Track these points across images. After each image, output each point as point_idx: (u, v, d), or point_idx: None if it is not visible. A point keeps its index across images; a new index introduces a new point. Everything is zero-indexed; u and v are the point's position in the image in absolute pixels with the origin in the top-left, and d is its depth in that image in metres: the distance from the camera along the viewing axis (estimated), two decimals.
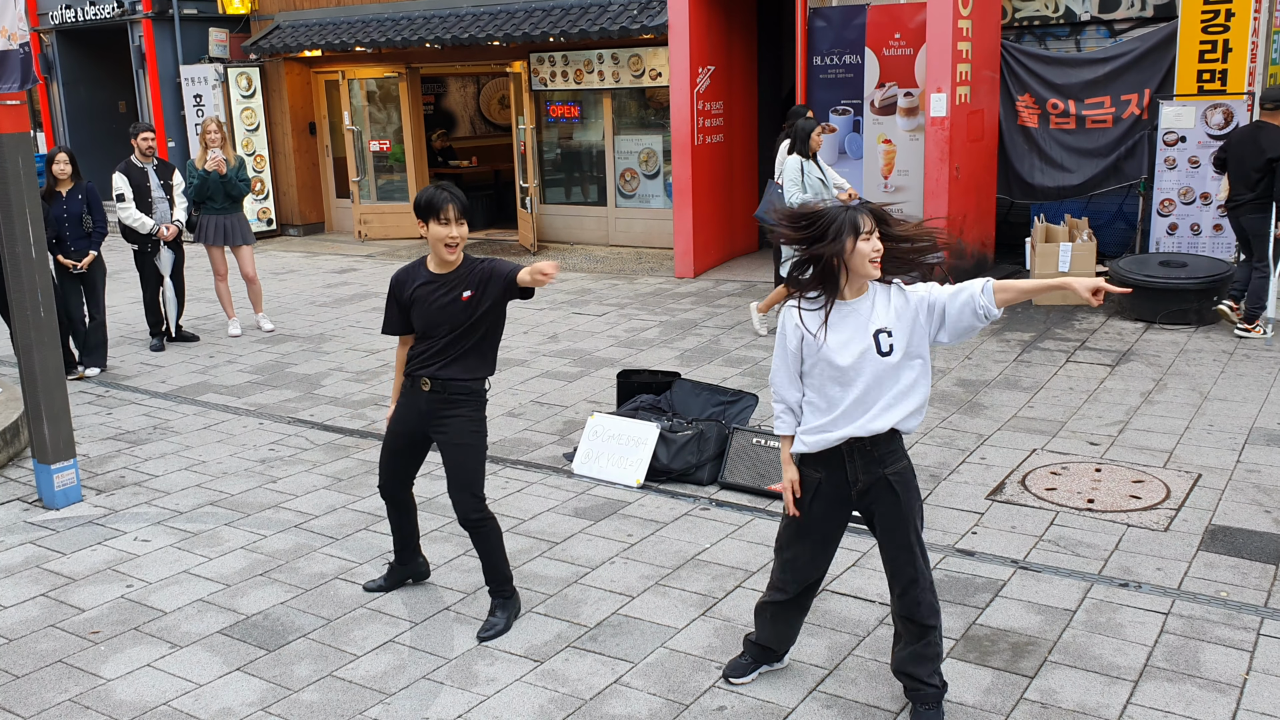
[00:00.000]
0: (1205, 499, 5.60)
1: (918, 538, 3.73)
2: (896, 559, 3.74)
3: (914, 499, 3.73)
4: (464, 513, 4.49)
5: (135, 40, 16.14)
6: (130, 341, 9.86)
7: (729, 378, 8.01)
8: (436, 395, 4.45)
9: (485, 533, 4.54)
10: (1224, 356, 8.04)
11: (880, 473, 3.69)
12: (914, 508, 3.72)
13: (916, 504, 3.74)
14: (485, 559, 4.59)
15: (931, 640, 3.77)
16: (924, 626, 3.74)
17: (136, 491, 6.24)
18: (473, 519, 4.50)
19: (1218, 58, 9.19)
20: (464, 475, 4.48)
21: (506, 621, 4.58)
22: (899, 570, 3.74)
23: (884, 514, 3.73)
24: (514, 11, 13.56)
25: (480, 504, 4.51)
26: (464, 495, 4.48)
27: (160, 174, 9.46)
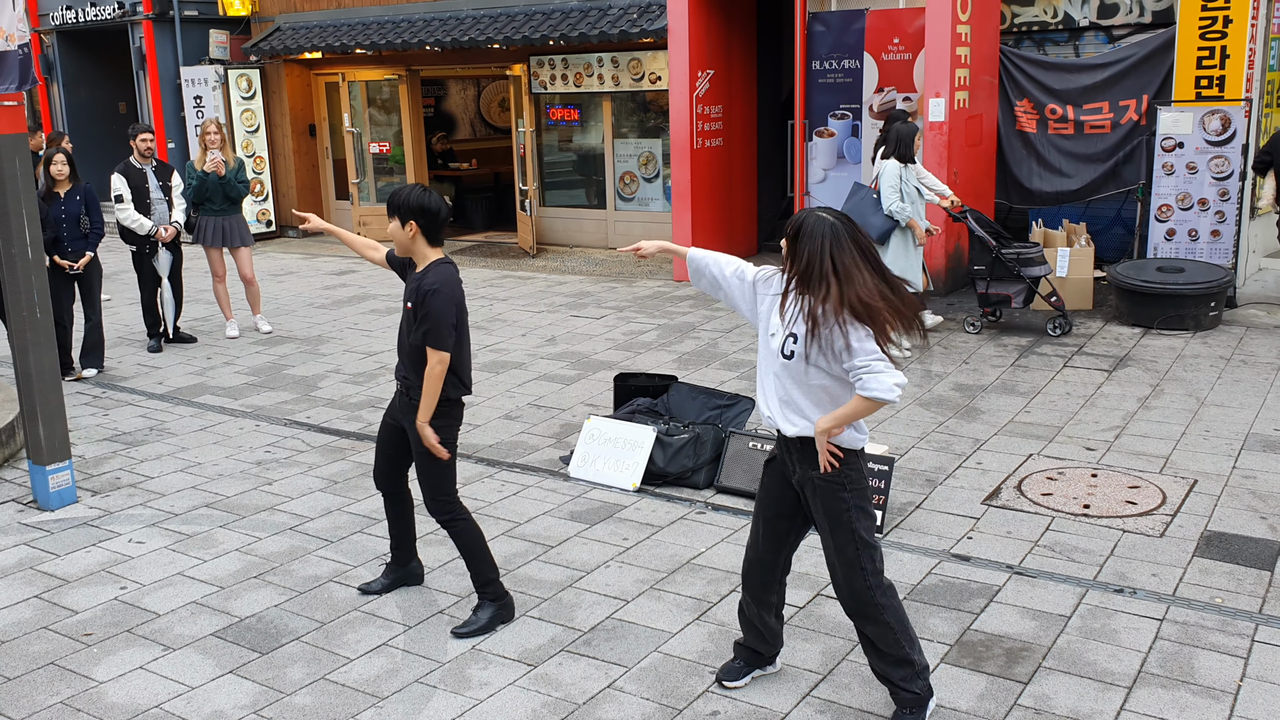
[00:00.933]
0: (1201, 505, 5.60)
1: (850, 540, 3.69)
2: (827, 558, 3.81)
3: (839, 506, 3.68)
4: (432, 514, 4.58)
5: (136, 41, 16.15)
6: (128, 343, 9.86)
7: (726, 381, 8.00)
8: (404, 398, 4.54)
9: (457, 532, 4.58)
10: (1221, 362, 8.04)
11: (809, 473, 3.72)
12: (841, 514, 3.69)
13: (846, 509, 3.69)
14: (464, 558, 4.63)
15: (882, 640, 3.75)
16: (858, 622, 3.78)
17: (132, 493, 6.23)
18: (441, 519, 4.57)
19: (1216, 64, 9.19)
20: (426, 481, 4.55)
21: (486, 621, 4.56)
22: (830, 570, 3.81)
23: (814, 512, 3.77)
24: (514, 14, 13.57)
25: (446, 506, 4.56)
26: (429, 500, 4.57)
27: (159, 175, 9.46)
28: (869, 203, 8.51)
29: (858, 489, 3.71)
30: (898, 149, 8.46)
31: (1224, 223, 9.36)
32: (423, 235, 4.38)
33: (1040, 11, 11.13)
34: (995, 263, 8.81)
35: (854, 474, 3.70)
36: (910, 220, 8.40)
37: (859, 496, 3.71)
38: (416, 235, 4.37)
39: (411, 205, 4.33)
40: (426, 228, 4.37)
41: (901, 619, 3.78)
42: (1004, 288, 8.84)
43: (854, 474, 3.70)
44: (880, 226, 8.39)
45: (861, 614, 3.77)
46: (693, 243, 11.90)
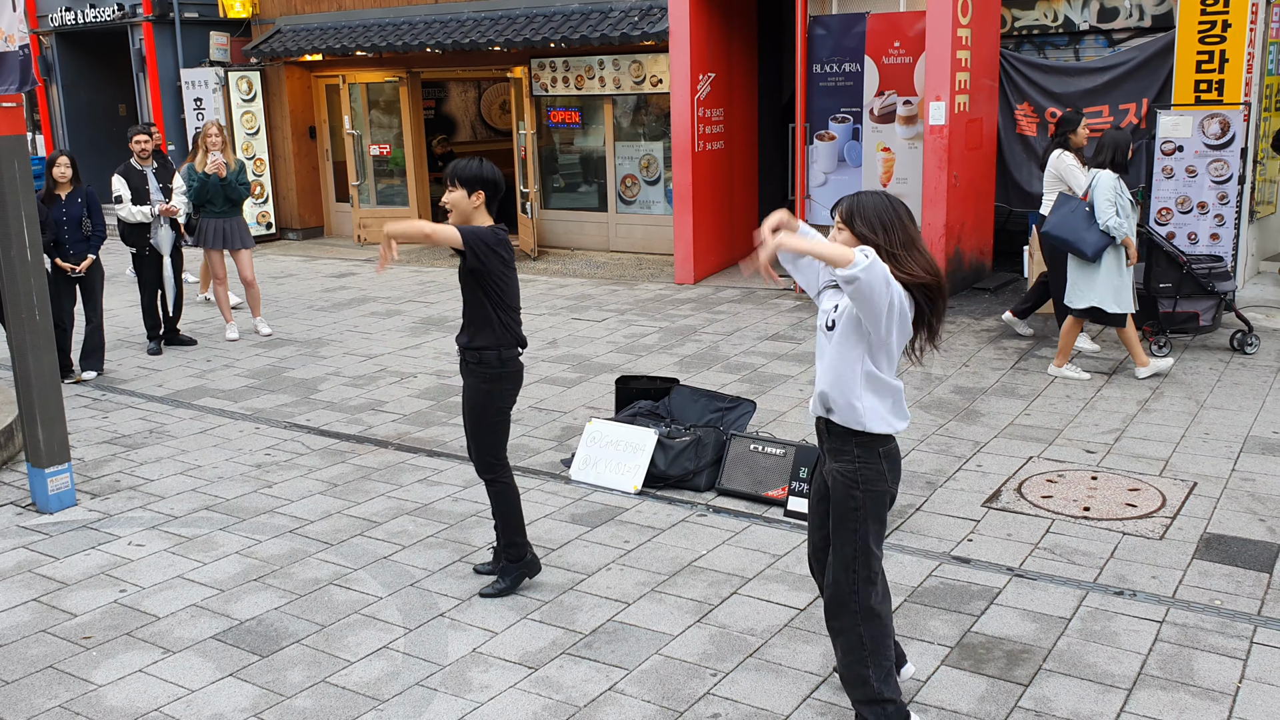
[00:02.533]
0: (1200, 507, 5.60)
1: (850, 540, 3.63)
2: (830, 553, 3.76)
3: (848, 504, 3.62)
4: (479, 471, 4.91)
5: (136, 43, 16.15)
6: (128, 345, 9.86)
7: (728, 384, 8.00)
8: (464, 362, 4.82)
9: (496, 492, 4.88)
10: (1220, 365, 8.04)
11: (831, 464, 3.70)
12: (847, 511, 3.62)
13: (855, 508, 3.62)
14: (496, 518, 4.93)
15: (848, 651, 3.66)
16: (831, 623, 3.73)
17: (131, 495, 6.24)
18: (486, 477, 4.89)
19: (1215, 68, 9.20)
20: (476, 440, 4.87)
21: (510, 582, 4.90)
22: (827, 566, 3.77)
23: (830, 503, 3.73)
24: (515, 17, 13.58)
25: (493, 465, 4.86)
26: (477, 457, 4.89)
27: (160, 176, 9.47)
28: (1081, 216, 7.57)
29: (872, 492, 3.62)
30: (1114, 157, 7.57)
31: (1223, 226, 9.35)
32: (485, 205, 4.68)
33: (1040, 15, 11.14)
34: (1185, 278, 8.22)
35: (870, 473, 3.61)
36: (1125, 238, 7.51)
37: (872, 500, 3.62)
38: (481, 205, 4.66)
39: (484, 176, 4.64)
40: (490, 198, 4.69)
41: (877, 641, 3.64)
42: (1192, 305, 8.28)
43: (870, 473, 3.61)
44: (1095, 243, 7.49)
45: (837, 616, 3.69)
46: (693, 246, 11.92)
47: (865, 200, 3.56)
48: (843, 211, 3.58)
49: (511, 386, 4.84)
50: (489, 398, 4.78)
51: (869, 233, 3.50)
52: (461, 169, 4.65)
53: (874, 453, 3.62)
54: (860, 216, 3.53)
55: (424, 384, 8.40)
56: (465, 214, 4.65)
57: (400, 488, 6.27)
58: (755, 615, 4.69)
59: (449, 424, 7.39)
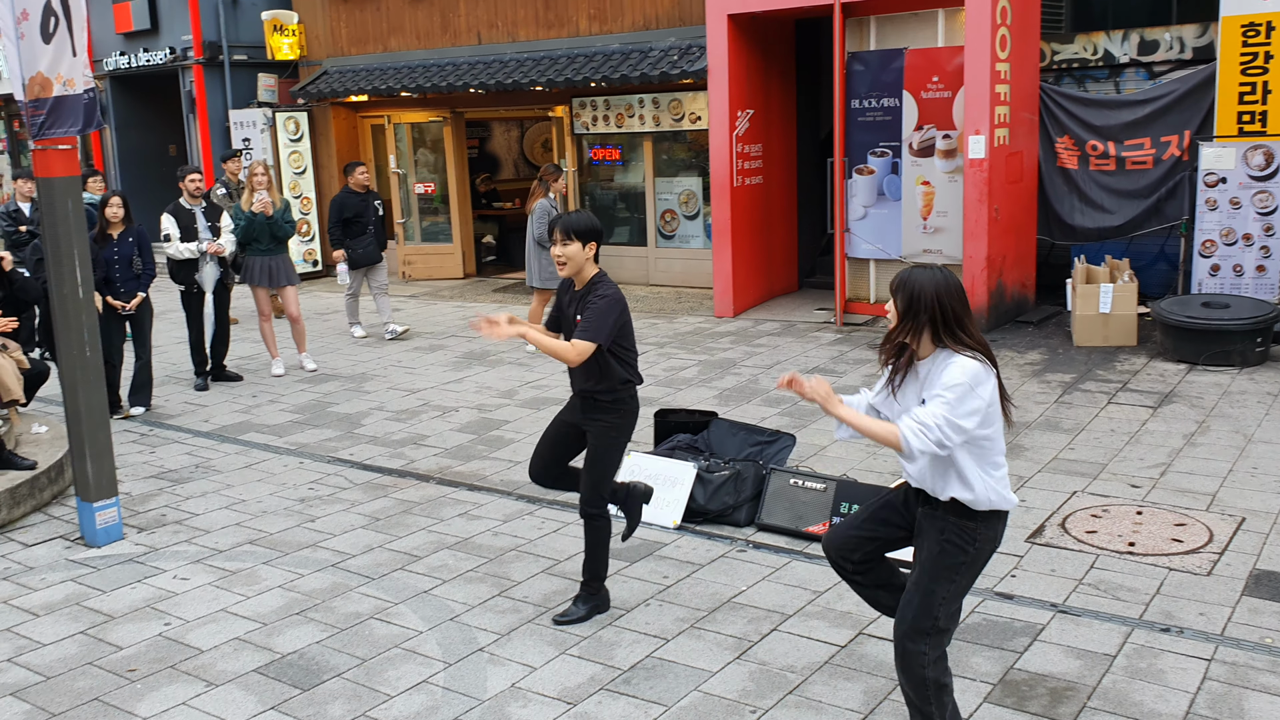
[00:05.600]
0: (1249, 543, 5.50)
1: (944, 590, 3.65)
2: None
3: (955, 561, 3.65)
4: (585, 503, 4.99)
5: (186, 85, 16.52)
6: (175, 381, 10.02)
7: (768, 418, 7.99)
8: (586, 403, 4.95)
9: (595, 527, 5.03)
10: (1268, 399, 7.92)
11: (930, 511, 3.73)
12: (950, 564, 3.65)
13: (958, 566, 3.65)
14: (586, 551, 5.07)
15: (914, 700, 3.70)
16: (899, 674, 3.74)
17: (177, 530, 6.32)
18: (590, 511, 5.00)
19: (1257, 99, 9.13)
20: (591, 475, 4.98)
21: (585, 612, 5.02)
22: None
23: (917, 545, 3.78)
24: (556, 57, 13.75)
25: (600, 501, 4.98)
26: (588, 490, 4.99)
27: (208, 216, 9.65)
28: None
29: (981, 552, 3.64)
30: None
31: (1269, 258, 9.25)
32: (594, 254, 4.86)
33: (1080, 49, 11.12)
34: None
35: (992, 534, 3.64)
36: None
37: (979, 560, 3.65)
38: (592, 255, 4.82)
39: (596, 227, 4.82)
40: (598, 247, 4.87)
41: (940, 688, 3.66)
42: None
43: (992, 534, 3.64)
44: None
45: (903, 668, 3.69)
46: (732, 279, 11.93)
47: (907, 279, 3.59)
48: (893, 287, 3.63)
49: (633, 421, 5.03)
50: (619, 432, 4.95)
51: (905, 307, 3.57)
52: (575, 222, 4.77)
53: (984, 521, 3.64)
54: (901, 293, 3.59)
55: (465, 418, 8.46)
56: (579, 265, 4.80)
57: (441, 522, 6.31)
58: (795, 652, 4.66)
59: (490, 458, 7.43)
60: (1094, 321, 9.62)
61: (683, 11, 12.99)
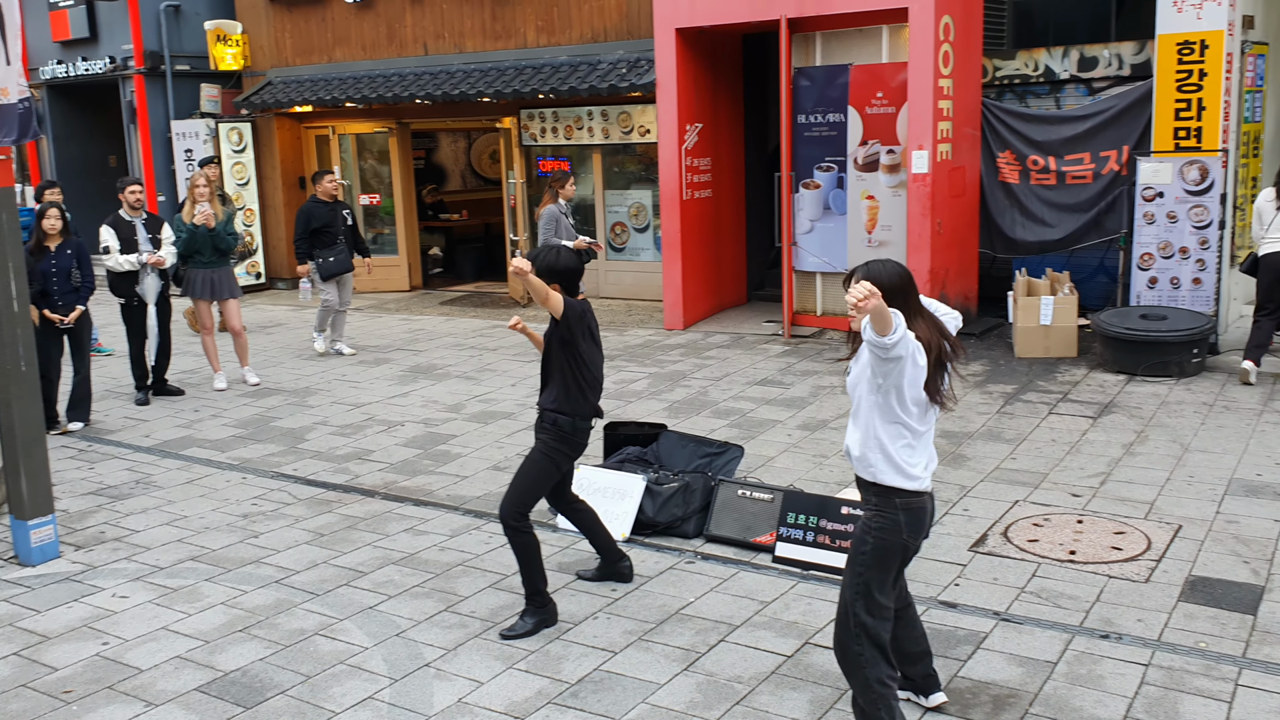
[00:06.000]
0: (1185, 550, 5.61)
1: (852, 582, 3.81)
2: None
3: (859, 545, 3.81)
4: (504, 513, 4.97)
5: (127, 95, 16.27)
6: (115, 395, 9.85)
7: (716, 429, 8.02)
8: (540, 421, 5.08)
9: (520, 542, 4.97)
10: (1204, 408, 8.09)
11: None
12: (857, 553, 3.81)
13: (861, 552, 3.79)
14: (520, 565, 5.02)
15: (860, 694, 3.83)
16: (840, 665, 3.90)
17: (116, 547, 6.21)
18: (510, 523, 4.96)
19: (1193, 116, 9.34)
20: (516, 484, 5.01)
21: (531, 626, 4.97)
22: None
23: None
24: (504, 69, 13.73)
25: (520, 514, 4.96)
26: (509, 499, 4.99)
27: (149, 227, 9.50)
28: None
29: (882, 541, 3.77)
30: None
31: (1205, 271, 9.45)
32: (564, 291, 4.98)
33: (1022, 65, 11.31)
34: None
35: (886, 522, 3.77)
36: None
37: (879, 550, 3.78)
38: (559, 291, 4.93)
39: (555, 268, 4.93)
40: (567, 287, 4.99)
41: (872, 688, 3.77)
42: None
43: (886, 522, 3.77)
44: None
45: (842, 659, 3.86)
46: (682, 292, 11.97)
47: (872, 268, 3.68)
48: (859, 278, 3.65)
49: (573, 452, 5.11)
50: (550, 453, 5.03)
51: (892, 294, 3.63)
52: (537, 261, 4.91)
53: (890, 504, 3.75)
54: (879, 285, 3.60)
55: (411, 433, 8.40)
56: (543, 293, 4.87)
57: (386, 537, 6.26)
58: (743, 663, 4.67)
59: (436, 472, 7.38)
60: (1035, 333, 9.77)
61: (631, 25, 13.04)
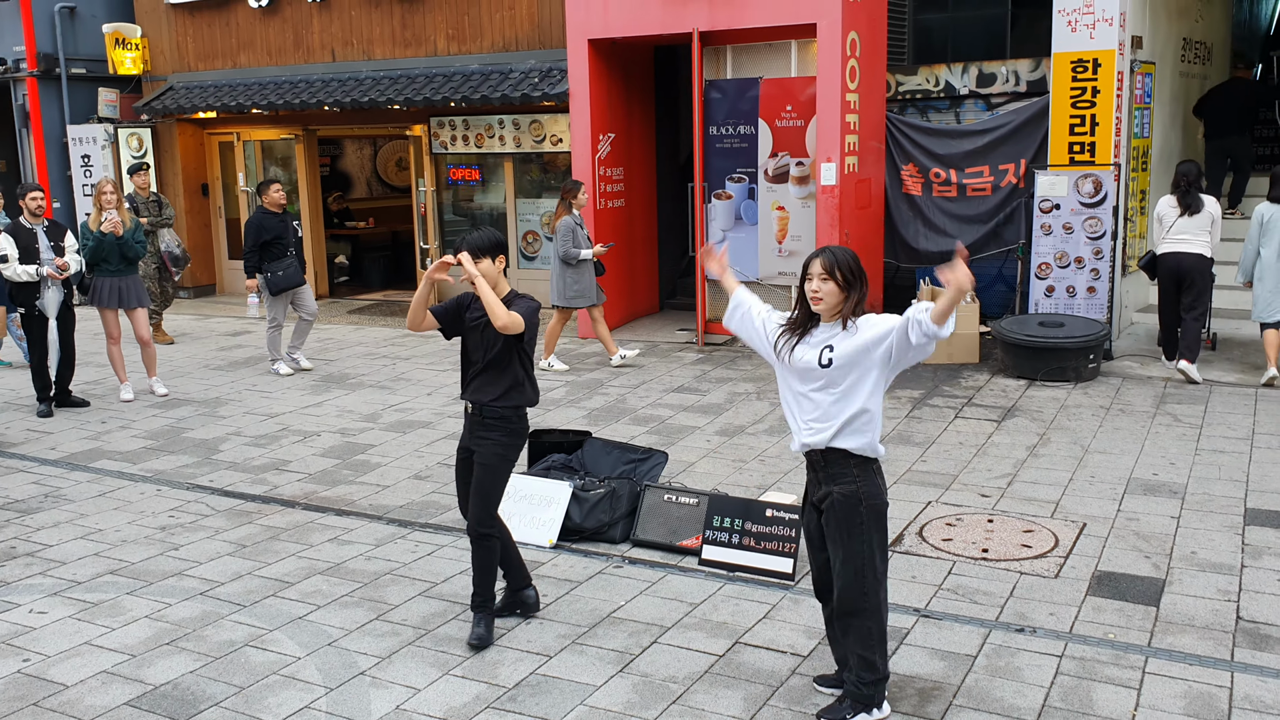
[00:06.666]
0: (1090, 546, 5.89)
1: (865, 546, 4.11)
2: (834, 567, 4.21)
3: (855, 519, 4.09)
4: (474, 524, 4.96)
5: (19, 99, 15.76)
6: (15, 408, 9.56)
7: (637, 435, 8.12)
8: (474, 418, 5.00)
9: (485, 548, 4.97)
10: (1101, 411, 8.46)
11: (831, 488, 4.15)
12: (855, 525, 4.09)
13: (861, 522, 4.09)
14: (475, 573, 5.00)
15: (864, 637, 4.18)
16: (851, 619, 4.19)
17: (30, 562, 6.06)
18: (479, 532, 4.95)
19: (1086, 131, 9.76)
20: (480, 495, 4.97)
21: (489, 628, 5.00)
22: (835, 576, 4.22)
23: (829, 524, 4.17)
24: (414, 76, 13.68)
25: (490, 521, 4.96)
26: (477, 511, 4.96)
27: (50, 235, 9.26)
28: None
29: (873, 505, 4.11)
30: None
31: (1099, 279, 9.88)
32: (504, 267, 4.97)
33: (923, 80, 11.67)
34: None
35: (871, 489, 4.11)
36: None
37: (874, 514, 4.11)
38: (502, 267, 4.94)
39: (500, 241, 4.95)
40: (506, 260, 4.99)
41: (883, 628, 4.18)
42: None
43: (871, 489, 4.11)
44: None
45: (859, 609, 4.14)
46: None
47: (840, 255, 4.06)
48: (824, 264, 4.01)
49: (521, 442, 5.11)
50: (506, 451, 5.01)
51: (853, 282, 4.05)
52: (479, 240, 4.88)
53: (869, 471, 4.12)
54: (841, 270, 4.03)
55: (328, 442, 8.33)
56: (495, 278, 4.90)
57: (311, 547, 6.22)
58: (676, 663, 4.78)
59: (356, 482, 7.35)
60: (939, 341, 10.07)
61: (543, 34, 13.11)
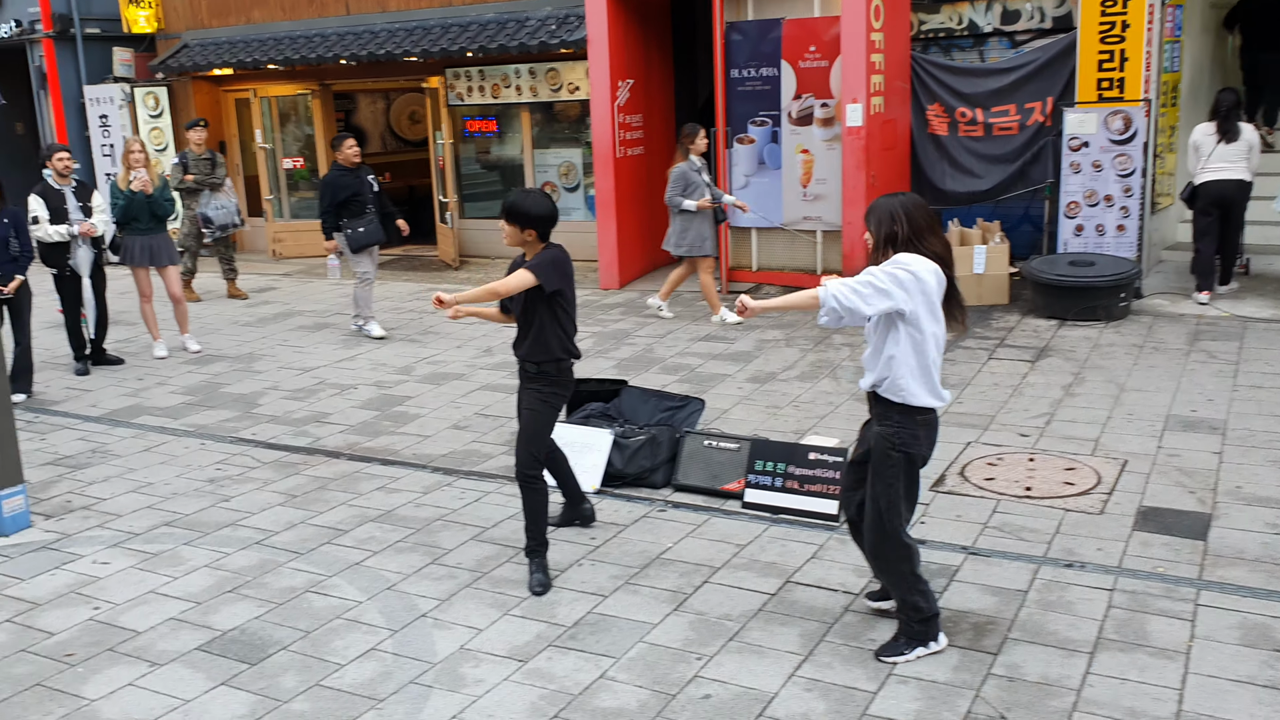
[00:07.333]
0: (1133, 483, 5.94)
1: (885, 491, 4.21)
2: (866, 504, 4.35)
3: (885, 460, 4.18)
4: (519, 467, 5.11)
5: (35, 60, 15.72)
6: (52, 366, 9.64)
7: (669, 384, 8.17)
8: (520, 371, 5.25)
9: (531, 492, 5.11)
10: (1135, 350, 8.48)
11: (875, 426, 4.31)
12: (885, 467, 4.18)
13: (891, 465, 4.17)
14: (526, 518, 5.14)
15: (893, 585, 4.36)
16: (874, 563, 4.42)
17: (86, 515, 6.16)
18: (524, 475, 5.09)
19: (1115, 66, 9.68)
20: (524, 438, 5.14)
21: (547, 578, 5.10)
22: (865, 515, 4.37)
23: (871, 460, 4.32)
24: (430, 27, 13.59)
25: (533, 464, 5.10)
26: (521, 454, 5.12)
27: (79, 195, 9.28)
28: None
29: (905, 451, 4.16)
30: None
31: (1128, 217, 9.85)
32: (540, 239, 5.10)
33: (946, 18, 11.56)
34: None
35: (905, 435, 4.16)
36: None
37: (905, 461, 4.18)
38: (532, 239, 5.08)
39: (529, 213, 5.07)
40: (543, 233, 5.09)
41: (914, 570, 4.29)
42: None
43: (905, 435, 4.16)
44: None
45: (878, 556, 4.34)
46: (618, 251, 12.08)
47: (874, 204, 4.18)
48: (865, 216, 4.18)
49: (566, 392, 5.25)
50: (547, 399, 5.15)
51: (874, 229, 4.13)
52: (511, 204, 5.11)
53: (911, 419, 4.13)
54: (870, 218, 4.15)
55: (365, 395, 8.40)
56: (517, 242, 5.13)
57: (360, 496, 6.31)
58: (730, 601, 4.86)
59: (398, 433, 7.42)
60: (968, 282, 10.07)
61: None
